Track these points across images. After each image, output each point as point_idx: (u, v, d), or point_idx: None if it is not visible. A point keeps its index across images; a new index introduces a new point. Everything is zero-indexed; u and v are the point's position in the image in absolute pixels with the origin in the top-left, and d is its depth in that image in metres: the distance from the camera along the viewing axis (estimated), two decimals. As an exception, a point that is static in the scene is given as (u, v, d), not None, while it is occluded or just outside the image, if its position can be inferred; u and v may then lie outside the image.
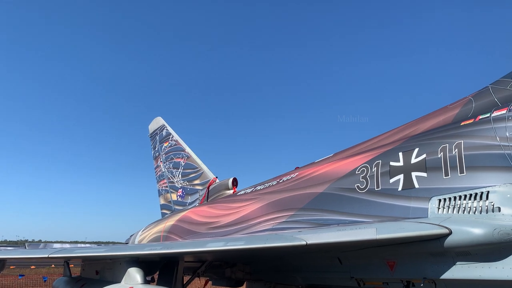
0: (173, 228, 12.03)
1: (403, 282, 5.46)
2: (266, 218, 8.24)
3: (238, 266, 9.13)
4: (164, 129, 17.10)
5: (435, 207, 5.15)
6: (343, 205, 6.49)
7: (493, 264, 4.47)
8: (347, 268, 6.18)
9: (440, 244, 4.71)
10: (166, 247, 6.37)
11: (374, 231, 5.01)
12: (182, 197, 15.13)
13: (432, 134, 5.74)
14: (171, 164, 16.13)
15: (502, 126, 4.76)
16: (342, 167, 7.09)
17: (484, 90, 5.68)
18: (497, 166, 4.72)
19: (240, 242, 5.93)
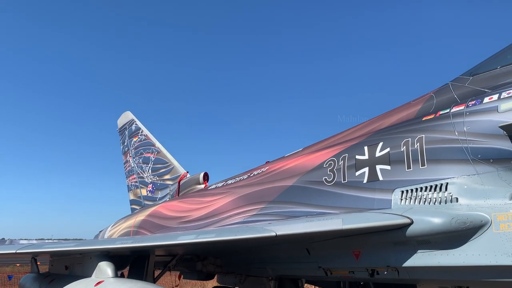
0: (144, 223, 11.99)
1: (368, 271, 5.70)
2: (237, 211, 8.36)
3: (209, 259, 9.22)
4: (134, 124, 16.93)
5: (398, 198, 5.40)
6: (312, 197, 6.69)
7: (451, 252, 4.74)
8: (315, 258, 6.38)
9: (403, 234, 4.95)
10: (137, 241, 6.41)
11: (341, 221, 5.22)
12: (152, 192, 15.06)
13: (396, 129, 5.99)
14: (141, 159, 16.00)
15: (460, 121, 5.02)
16: (310, 161, 7.28)
17: (445, 87, 5.95)
18: (455, 159, 4.99)
19: (211, 234, 6.03)
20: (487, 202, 4.58)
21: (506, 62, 5.21)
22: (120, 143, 17.90)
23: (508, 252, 4.28)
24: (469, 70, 5.78)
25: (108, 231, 14.10)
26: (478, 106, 4.91)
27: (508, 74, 5.05)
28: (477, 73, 5.53)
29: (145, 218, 12.13)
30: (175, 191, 13.70)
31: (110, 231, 13.95)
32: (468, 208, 4.68)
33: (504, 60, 5.28)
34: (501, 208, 4.44)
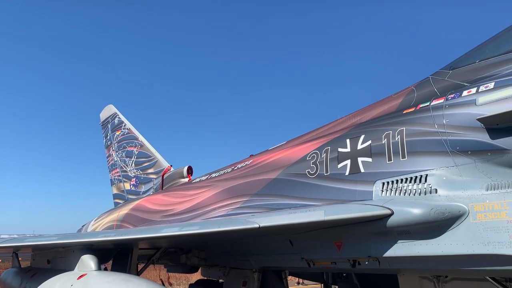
0: (127, 217, 11.94)
1: (350, 261, 5.79)
2: (221, 204, 8.39)
3: (193, 252, 9.24)
4: (116, 117, 16.79)
5: (379, 190, 5.50)
6: (295, 189, 6.75)
7: (429, 241, 4.85)
8: (298, 250, 6.46)
9: (383, 224, 5.04)
10: (120, 234, 6.40)
11: (323, 213, 5.29)
12: (136, 186, 14.98)
13: (377, 122, 6.08)
14: (124, 153, 15.90)
15: (440, 114, 5.12)
16: (294, 153, 7.35)
17: (426, 81, 6.05)
18: (434, 151, 5.09)
19: (194, 227, 6.05)
20: (465, 193, 4.70)
21: (485, 56, 5.32)
22: (102, 137, 17.74)
23: (485, 241, 4.39)
24: (449, 64, 5.88)
25: (91, 225, 14.00)
26: (457, 99, 5.01)
27: (486, 68, 5.16)
28: (457, 67, 5.64)
29: (128, 212, 12.08)
30: (158, 185, 13.66)
31: (93, 225, 13.86)
32: (447, 199, 4.79)
33: (482, 54, 5.39)
34: (478, 199, 4.55)
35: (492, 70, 5.02)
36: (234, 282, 9.10)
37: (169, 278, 12.63)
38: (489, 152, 4.60)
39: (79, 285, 5.55)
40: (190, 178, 12.27)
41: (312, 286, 19.87)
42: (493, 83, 4.75)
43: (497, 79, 4.78)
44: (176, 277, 24.01)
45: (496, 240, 4.31)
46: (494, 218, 4.39)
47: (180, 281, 24.16)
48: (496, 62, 5.05)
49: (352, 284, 9.95)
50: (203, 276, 11.13)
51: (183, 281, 23.43)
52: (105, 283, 5.22)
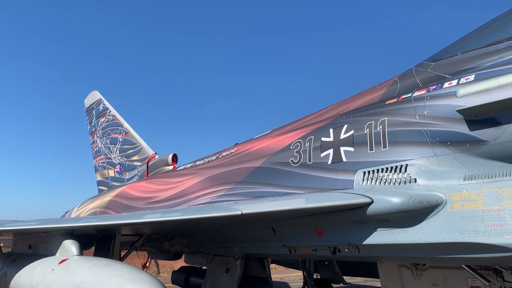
0: (111, 204, 11.91)
1: (330, 248, 5.88)
2: (205, 192, 8.42)
3: (176, 239, 9.29)
4: (101, 104, 16.63)
5: (360, 179, 5.57)
6: (278, 178, 6.81)
7: (408, 230, 4.94)
8: (280, 237, 6.53)
9: (363, 212, 5.12)
10: (103, 219, 6.39)
11: (304, 200, 5.36)
12: (120, 173, 14.92)
13: (360, 112, 6.14)
14: (108, 140, 15.79)
15: (421, 105, 5.20)
16: (278, 142, 7.40)
17: (409, 72, 6.11)
18: (415, 141, 5.17)
19: (177, 213, 6.07)
20: (443, 183, 4.79)
21: (467, 49, 5.39)
22: (87, 123, 17.58)
23: (461, 230, 4.50)
24: (432, 56, 5.95)
25: (74, 212, 13.93)
26: (438, 91, 5.09)
27: (467, 60, 5.23)
28: (439, 59, 5.70)
29: (112, 198, 12.04)
30: (143, 172, 13.63)
31: (76, 211, 13.79)
32: (426, 188, 4.88)
33: (464, 47, 5.46)
34: (455, 189, 4.65)
35: (473, 63, 5.10)
36: (217, 269, 9.19)
37: (148, 263, 12.64)
38: (468, 143, 4.70)
39: (60, 269, 5.53)
40: (174, 166, 12.26)
41: (295, 275, 20.12)
42: (473, 76, 4.83)
43: (477, 72, 4.86)
44: (160, 264, 24.09)
45: (472, 229, 4.41)
46: (470, 207, 4.49)
47: (164, 268, 24.22)
48: (477, 55, 5.13)
49: (333, 272, 10.14)
50: (186, 263, 11.21)
51: (167, 269, 23.48)
52: (86, 268, 5.21)
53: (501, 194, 4.29)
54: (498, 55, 4.84)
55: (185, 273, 10.93)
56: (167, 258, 11.29)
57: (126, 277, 4.58)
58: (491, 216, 4.31)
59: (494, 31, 5.29)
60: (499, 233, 4.23)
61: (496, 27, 5.34)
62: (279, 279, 19.56)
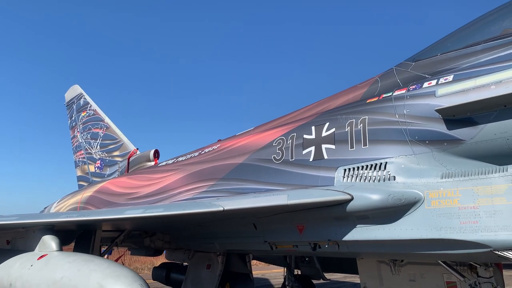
0: (91, 199, 11.78)
1: (311, 244, 5.96)
2: (187, 188, 8.40)
3: (157, 235, 9.26)
4: (82, 98, 16.42)
5: (340, 176, 5.66)
6: (260, 174, 6.85)
7: (386, 226, 5.05)
8: (261, 233, 6.59)
9: (343, 209, 5.21)
10: (83, 215, 6.34)
11: (286, 197, 5.42)
12: (101, 169, 14.77)
13: (342, 110, 6.22)
14: (89, 135, 15.60)
15: (401, 104, 5.29)
16: (261, 139, 7.43)
17: (389, 71, 6.21)
18: (394, 140, 5.27)
19: (158, 209, 6.07)
20: (421, 181, 4.90)
21: (446, 49, 5.51)
22: (67, 118, 17.33)
23: (438, 227, 4.62)
24: (413, 56, 6.06)
25: (53, 208, 13.73)
26: (418, 91, 5.19)
27: (447, 61, 5.34)
28: (419, 59, 5.81)
29: (92, 194, 11.92)
30: (124, 168, 13.51)
31: (56, 207, 13.60)
32: (404, 186, 4.98)
33: (444, 48, 5.58)
34: (433, 186, 4.76)
35: (451, 64, 5.21)
36: (199, 265, 9.20)
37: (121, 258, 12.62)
38: (446, 142, 4.81)
39: (39, 265, 5.47)
40: (156, 161, 12.19)
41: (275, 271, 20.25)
42: (452, 76, 4.94)
43: (456, 72, 4.97)
44: (140, 261, 23.95)
45: (448, 226, 4.54)
46: (447, 204, 4.61)
47: (145, 265, 24.08)
48: (456, 56, 5.25)
49: (314, 268, 10.26)
50: (167, 259, 11.17)
51: (148, 265, 23.36)
52: (66, 263, 5.17)
53: (476, 192, 4.41)
54: (476, 56, 4.96)
55: (166, 269, 10.89)
56: (148, 254, 11.23)
57: (107, 272, 4.57)
58: (466, 213, 4.43)
59: (472, 33, 5.42)
60: (474, 230, 4.36)
61: (474, 29, 5.47)
62: (260, 275, 19.66)
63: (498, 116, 4.37)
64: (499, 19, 5.22)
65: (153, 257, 19.87)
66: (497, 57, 4.71)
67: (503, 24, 5.08)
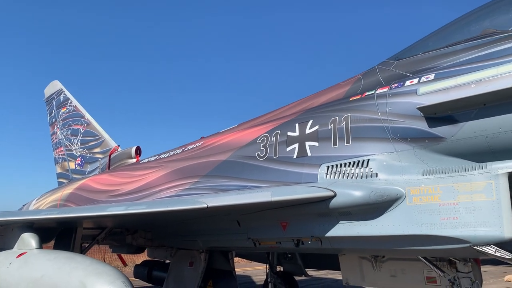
0: (71, 197, 11.62)
1: (294, 241, 6.00)
2: (170, 185, 8.35)
3: (139, 232, 9.19)
4: (62, 94, 16.14)
5: (324, 173, 5.70)
6: (244, 171, 6.85)
7: (369, 222, 5.12)
8: (244, 230, 6.60)
9: (326, 205, 5.26)
10: (64, 212, 6.25)
11: (270, 194, 5.45)
12: (81, 166, 14.56)
13: (325, 108, 6.26)
14: (69, 131, 15.37)
15: (383, 102, 5.36)
16: (244, 136, 7.43)
17: (372, 70, 6.28)
18: (377, 137, 5.33)
19: (141, 206, 6.02)
20: (403, 178, 4.97)
21: (427, 48, 5.59)
22: (47, 114, 17.02)
23: (419, 223, 4.70)
24: (395, 55, 6.13)
25: (33, 205, 13.50)
26: (400, 89, 5.26)
27: (428, 60, 5.42)
28: (402, 57, 5.89)
29: (72, 191, 11.75)
30: (105, 165, 13.35)
31: (35, 205, 13.37)
32: (386, 182, 5.05)
33: (425, 47, 5.66)
34: (414, 183, 4.84)
35: (433, 62, 5.29)
36: (181, 262, 9.15)
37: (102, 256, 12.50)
38: (427, 140, 4.89)
39: (18, 263, 5.37)
40: (138, 158, 12.08)
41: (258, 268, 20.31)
42: (433, 75, 5.02)
43: (437, 71, 5.06)
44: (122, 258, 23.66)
45: (429, 222, 4.62)
46: (428, 201, 4.70)
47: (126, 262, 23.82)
48: (437, 55, 5.33)
49: (296, 265, 10.31)
50: (149, 257, 11.10)
51: (129, 263, 23.13)
52: (46, 261, 5.09)
53: (456, 188, 4.50)
54: (456, 55, 5.05)
55: (148, 267, 10.82)
56: (129, 252, 11.12)
57: (89, 270, 4.51)
58: (447, 209, 4.52)
59: (453, 32, 5.51)
60: (454, 226, 4.45)
61: (454, 29, 5.57)
62: (242, 273, 19.68)
63: (478, 114, 4.47)
64: (479, 20, 5.33)
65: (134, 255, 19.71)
66: (477, 56, 4.80)
67: (483, 24, 5.18)
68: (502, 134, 4.34)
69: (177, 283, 9.02)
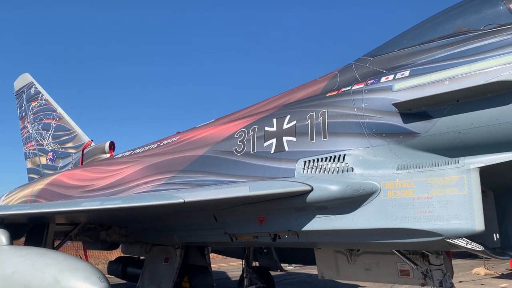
0: (43, 192, 11.34)
1: (271, 235, 6.02)
2: (145, 180, 8.25)
3: (113, 228, 9.05)
4: (33, 87, 15.71)
5: (301, 168, 5.74)
6: (221, 166, 6.83)
7: (344, 216, 5.18)
8: (221, 225, 6.58)
9: (303, 200, 5.29)
10: (36, 207, 6.09)
11: (248, 188, 5.45)
12: (53, 161, 14.23)
13: (302, 103, 6.30)
14: (40, 126, 14.99)
15: (359, 98, 5.43)
16: (222, 131, 7.40)
17: (348, 66, 6.35)
18: (353, 132, 5.40)
19: (116, 201, 5.92)
20: (378, 172, 5.06)
21: (402, 45, 5.68)
22: (16, 108, 16.53)
23: (393, 216, 4.78)
24: (371, 52, 6.22)
25: (2, 201, 13.13)
26: (376, 85, 5.34)
27: (403, 56, 5.51)
28: (377, 54, 5.97)
29: (44, 187, 11.47)
30: (78, 160, 13.10)
31: (4, 201, 13.01)
32: (362, 177, 5.12)
33: (400, 44, 5.76)
34: (389, 177, 4.93)
35: (408, 59, 5.39)
36: (156, 258, 9.08)
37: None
38: (401, 135, 4.98)
39: (-12, 260, 5.21)
40: (112, 154, 11.88)
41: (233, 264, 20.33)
42: (408, 71, 5.12)
43: (412, 68, 5.15)
44: (94, 256, 23.31)
45: (403, 215, 4.71)
46: (402, 195, 4.79)
47: (99, 260, 23.46)
48: (412, 52, 5.43)
49: (272, 259, 10.37)
50: (123, 253, 10.95)
51: (102, 260, 22.79)
52: (18, 257, 4.96)
53: (430, 183, 4.61)
54: (431, 53, 5.16)
55: (122, 263, 10.69)
56: (103, 248, 10.96)
57: (63, 266, 4.42)
58: (420, 203, 4.62)
59: (427, 30, 5.62)
60: (427, 219, 4.55)
61: (429, 26, 5.67)
62: (217, 269, 19.65)
63: (451, 110, 4.58)
64: (453, 18, 5.45)
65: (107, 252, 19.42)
66: (450, 53, 4.92)
67: (457, 22, 5.30)
68: (474, 130, 4.46)
69: (152, 279, 8.94)
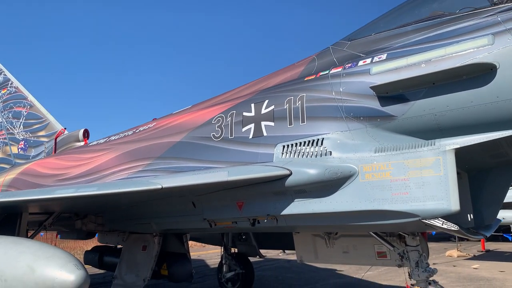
0: (15, 182, 11.05)
1: (250, 220, 6.02)
2: (121, 167, 8.11)
3: (89, 217, 8.89)
4: (2, 74, 15.19)
5: (279, 152, 5.73)
6: (199, 152, 6.76)
7: (323, 199, 5.21)
8: (200, 211, 6.54)
9: (282, 184, 5.30)
10: (7, 196, 5.92)
11: (226, 174, 5.41)
12: (25, 150, 13.85)
13: (280, 88, 6.28)
14: (11, 114, 14.54)
15: (337, 82, 5.44)
16: (199, 117, 7.32)
17: (326, 50, 6.34)
18: (331, 116, 5.41)
19: (92, 188, 5.81)
20: (356, 155, 5.09)
21: (379, 29, 5.71)
22: (-16, 95, 15.96)
23: (371, 199, 4.84)
24: (348, 36, 6.23)
25: (-29, 192, 12.70)
26: (353, 69, 5.36)
27: (380, 40, 5.54)
28: (355, 38, 5.98)
29: (16, 176, 11.17)
30: (51, 148, 12.78)
31: (-27, 192, 12.58)
32: (340, 160, 5.15)
33: (377, 28, 5.78)
34: (367, 160, 4.97)
35: (385, 43, 5.42)
36: (134, 247, 8.98)
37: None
38: (379, 118, 5.02)
39: (-42, 250, 5.03)
40: (86, 142, 11.64)
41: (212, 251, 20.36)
42: (385, 55, 5.15)
43: (389, 51, 5.18)
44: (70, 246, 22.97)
45: (381, 197, 4.77)
46: (380, 177, 4.84)
47: (75, 251, 23.12)
48: (389, 36, 5.46)
49: (250, 245, 10.42)
50: (100, 243, 10.80)
51: (78, 251, 22.46)
52: None
53: (407, 165, 4.67)
54: (407, 36, 5.20)
55: (99, 252, 10.52)
56: (79, 238, 10.78)
57: (38, 254, 4.31)
58: (398, 185, 4.68)
59: (403, 14, 5.66)
60: (404, 201, 4.62)
61: (405, 10, 5.72)
62: (196, 257, 19.65)
63: (428, 93, 4.63)
64: (428, 2, 5.50)
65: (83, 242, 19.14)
66: (426, 37, 4.96)
67: (432, 6, 5.36)
68: (449, 112, 4.53)
69: (130, 267, 8.85)
